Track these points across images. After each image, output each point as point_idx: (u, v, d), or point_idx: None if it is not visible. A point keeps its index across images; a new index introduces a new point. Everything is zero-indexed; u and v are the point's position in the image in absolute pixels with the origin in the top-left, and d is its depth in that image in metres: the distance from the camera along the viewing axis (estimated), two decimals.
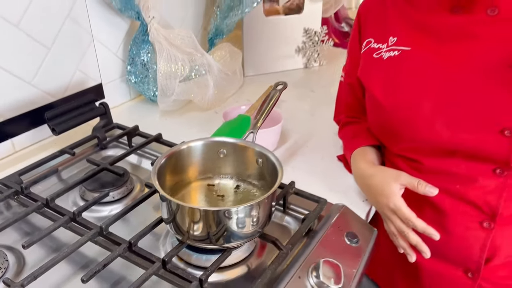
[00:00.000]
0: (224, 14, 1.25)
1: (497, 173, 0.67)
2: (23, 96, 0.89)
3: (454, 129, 0.67)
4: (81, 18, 0.96)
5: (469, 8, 0.67)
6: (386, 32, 0.77)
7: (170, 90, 1.04)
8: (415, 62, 0.72)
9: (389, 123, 0.76)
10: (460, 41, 0.67)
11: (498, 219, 0.68)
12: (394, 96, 0.73)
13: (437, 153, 0.71)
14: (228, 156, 0.73)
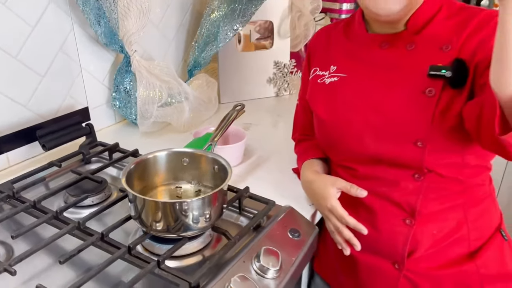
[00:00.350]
0: (201, 48, 1.41)
1: (415, 178, 0.80)
2: (18, 117, 1.03)
3: (379, 141, 0.81)
4: (71, 51, 1.11)
5: (393, 44, 0.81)
6: (329, 62, 0.92)
7: (149, 113, 1.18)
8: (350, 86, 0.86)
9: (330, 138, 0.89)
10: (386, 70, 0.82)
11: (417, 217, 0.80)
12: (333, 115, 0.87)
13: (368, 162, 0.84)
14: (190, 164, 0.86)
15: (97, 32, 1.09)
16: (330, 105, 0.88)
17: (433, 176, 0.78)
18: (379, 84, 0.81)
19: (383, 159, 0.81)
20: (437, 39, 0.78)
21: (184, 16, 1.45)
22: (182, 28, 1.45)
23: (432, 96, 0.75)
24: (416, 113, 0.76)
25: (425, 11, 0.79)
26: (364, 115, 0.82)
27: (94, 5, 1.03)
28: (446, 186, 0.80)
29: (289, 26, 1.50)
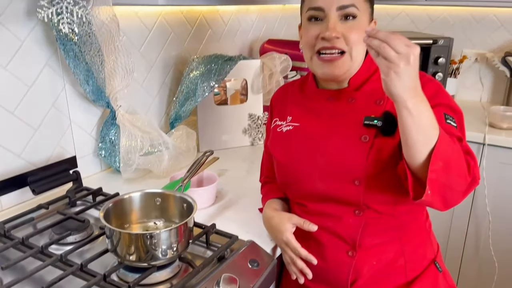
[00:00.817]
0: (181, 103, 1.57)
1: (356, 214, 0.92)
2: (12, 165, 1.15)
3: (324, 181, 0.94)
4: (62, 107, 1.26)
5: (338, 98, 0.96)
6: (286, 113, 1.07)
7: (131, 161, 1.31)
8: (301, 133, 1.00)
9: (285, 178, 1.02)
10: (331, 119, 0.96)
11: (358, 249, 0.92)
12: (287, 158, 1.01)
13: (316, 199, 0.96)
14: (162, 203, 0.98)
15: (86, 90, 1.24)
16: (285, 150, 1.02)
17: (371, 212, 0.91)
18: (325, 131, 0.96)
19: (328, 196, 0.94)
20: (373, 95, 0.93)
21: (167, 75, 1.62)
22: (165, 86, 1.62)
23: (366, 142, 0.89)
24: (354, 156, 0.90)
25: (364, 72, 0.95)
26: (312, 158, 0.95)
27: (84, 67, 1.19)
28: (383, 221, 0.92)
29: (261, 84, 1.67)
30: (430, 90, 0.84)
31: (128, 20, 1.41)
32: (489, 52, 2.27)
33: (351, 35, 0.88)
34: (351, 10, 0.88)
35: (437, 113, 0.78)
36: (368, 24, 0.94)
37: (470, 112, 2.14)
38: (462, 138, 0.84)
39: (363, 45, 0.90)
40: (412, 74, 0.69)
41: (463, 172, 0.77)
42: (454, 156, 0.75)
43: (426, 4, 2.12)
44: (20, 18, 1.11)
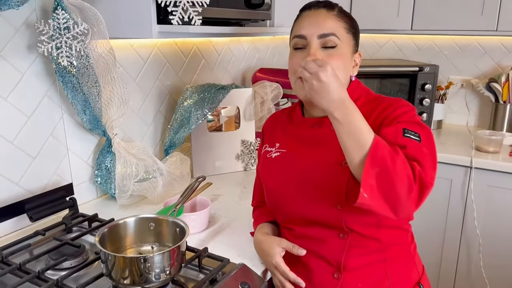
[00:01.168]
0: (176, 130, 1.61)
1: (340, 237, 0.95)
2: (10, 193, 1.19)
3: (309, 205, 0.97)
4: (60, 136, 1.30)
5: (321, 125, 1.01)
6: (275, 140, 1.11)
7: (126, 187, 1.35)
8: (288, 159, 1.04)
9: (274, 203, 1.06)
10: (315, 146, 1.00)
11: (343, 271, 0.95)
12: (275, 183, 1.05)
13: (302, 223, 1.00)
14: (156, 228, 1.01)
15: (83, 119, 1.29)
16: (273, 175, 1.06)
17: (355, 235, 0.94)
18: (309, 157, 1.00)
19: (313, 220, 0.98)
20: None
21: (161, 103, 1.67)
22: (159, 114, 1.67)
23: (347, 167, 0.92)
24: (335, 181, 0.93)
25: None
26: (296, 183, 1.00)
27: (81, 97, 1.24)
28: (367, 244, 0.95)
29: (253, 111, 1.72)
30: (398, 111, 0.93)
31: (124, 51, 1.47)
32: (474, 78, 2.35)
33: (330, 61, 0.91)
34: (331, 39, 0.95)
35: (397, 128, 0.88)
36: (350, 55, 1.00)
37: (457, 136, 2.20)
38: (406, 146, 0.86)
39: (344, 72, 0.96)
40: (329, 89, 0.78)
41: (405, 177, 0.78)
42: (392, 162, 0.78)
43: (412, 33, 2.21)
44: (21, 52, 1.16)
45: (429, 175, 0.82)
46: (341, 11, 1.00)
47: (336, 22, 0.97)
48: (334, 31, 0.95)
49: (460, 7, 2.04)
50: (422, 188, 0.80)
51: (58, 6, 1.11)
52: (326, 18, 0.96)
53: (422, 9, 2.13)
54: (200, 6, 1.12)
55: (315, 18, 0.97)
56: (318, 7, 0.99)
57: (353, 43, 1.00)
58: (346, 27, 0.98)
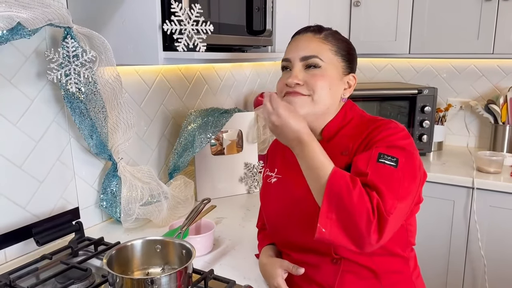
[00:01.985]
0: (180, 154, 1.64)
1: (333, 262, 0.96)
2: (17, 218, 1.20)
3: (301, 232, 0.97)
4: (67, 161, 1.32)
5: None
6: (274, 165, 1.13)
7: (131, 211, 1.36)
8: (283, 185, 1.06)
9: (271, 228, 1.08)
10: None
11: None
12: (269, 209, 1.08)
13: (297, 249, 1.01)
14: (162, 250, 1.02)
15: (90, 144, 1.31)
16: (270, 201, 1.08)
17: (348, 262, 0.95)
18: (300, 184, 0.99)
19: (306, 247, 0.99)
20: (341, 146, 0.98)
21: (166, 128, 1.70)
22: (164, 138, 1.70)
23: None
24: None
25: (338, 123, 1.01)
26: (288, 210, 1.01)
27: (88, 123, 1.27)
28: (361, 270, 0.96)
29: (255, 134, 1.75)
30: (383, 134, 0.92)
31: (129, 77, 1.51)
32: (472, 100, 2.38)
33: (311, 81, 0.96)
34: (313, 61, 0.97)
35: (372, 154, 0.88)
36: (339, 76, 0.99)
37: (458, 157, 2.22)
38: (368, 173, 0.85)
39: (329, 93, 0.97)
40: (282, 130, 0.86)
41: (364, 210, 0.78)
42: (348, 196, 0.79)
43: (410, 56, 2.26)
44: (31, 79, 1.20)
45: (389, 204, 0.81)
46: (330, 34, 1.01)
47: (320, 44, 0.98)
48: (316, 53, 0.97)
49: (456, 32, 2.10)
50: (381, 220, 0.79)
51: (67, 35, 1.15)
52: (311, 42, 0.99)
53: (419, 34, 2.19)
54: (204, 34, 1.16)
55: (300, 42, 1.00)
56: (306, 31, 1.02)
57: (342, 65, 1.00)
58: (333, 49, 0.99)
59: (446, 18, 2.11)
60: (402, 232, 0.98)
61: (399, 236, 0.95)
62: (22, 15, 0.98)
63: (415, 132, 2.19)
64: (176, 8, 1.10)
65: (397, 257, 0.99)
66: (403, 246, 0.99)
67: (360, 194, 0.80)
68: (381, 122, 0.96)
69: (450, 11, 2.10)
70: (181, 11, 1.11)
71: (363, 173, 0.86)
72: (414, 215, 1.02)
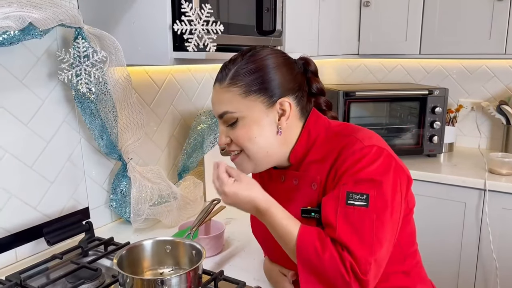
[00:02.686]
0: (189, 154, 1.64)
1: None
2: (28, 217, 1.21)
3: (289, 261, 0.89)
4: (77, 161, 1.33)
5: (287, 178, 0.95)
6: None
7: (141, 211, 1.36)
8: None
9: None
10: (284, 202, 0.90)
11: None
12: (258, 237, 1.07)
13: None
14: (172, 250, 1.02)
15: (100, 144, 1.31)
16: (256, 229, 1.06)
17: None
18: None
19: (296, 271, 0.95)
20: (308, 177, 0.91)
21: (175, 128, 1.70)
22: (173, 138, 1.70)
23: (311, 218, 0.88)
24: None
25: (302, 146, 0.92)
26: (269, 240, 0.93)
27: (99, 123, 1.27)
28: None
29: None
30: (347, 163, 0.84)
31: (139, 78, 1.51)
32: (484, 101, 2.35)
33: (235, 139, 0.89)
34: (226, 117, 0.89)
35: (339, 195, 0.82)
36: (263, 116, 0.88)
37: (470, 159, 2.19)
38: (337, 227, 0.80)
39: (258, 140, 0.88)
40: (236, 205, 0.86)
41: (338, 275, 0.76)
42: (320, 262, 0.77)
43: (420, 57, 2.24)
44: (42, 79, 1.20)
45: (363, 263, 0.76)
46: (234, 74, 0.88)
47: (227, 94, 0.88)
48: (226, 109, 0.88)
49: (468, 32, 2.07)
50: (359, 281, 0.76)
51: (78, 35, 1.15)
52: (219, 94, 0.90)
53: (430, 34, 2.17)
54: (214, 34, 1.16)
55: (213, 97, 0.92)
56: (215, 82, 0.92)
57: (260, 100, 0.88)
58: (243, 92, 0.87)
59: (457, 18, 2.09)
60: (395, 250, 0.90)
61: (393, 256, 0.88)
62: (33, 15, 0.99)
63: (425, 133, 2.17)
64: (187, 8, 1.10)
65: (396, 273, 0.94)
66: (400, 261, 0.94)
67: (331, 258, 0.77)
68: (345, 142, 0.87)
69: (462, 11, 2.08)
70: (191, 11, 1.11)
71: (332, 226, 0.81)
72: (410, 221, 0.97)
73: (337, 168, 0.85)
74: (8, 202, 1.16)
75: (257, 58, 0.89)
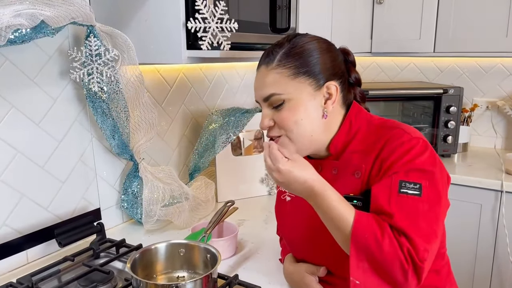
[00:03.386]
0: (201, 154, 1.61)
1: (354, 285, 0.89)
2: (39, 218, 1.19)
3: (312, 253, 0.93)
4: (89, 161, 1.31)
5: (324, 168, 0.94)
6: None
7: (153, 212, 1.34)
8: (295, 205, 1.01)
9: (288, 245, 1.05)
10: None
11: None
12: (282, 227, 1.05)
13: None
14: (186, 254, 0.99)
15: (111, 144, 1.29)
16: (284, 219, 1.04)
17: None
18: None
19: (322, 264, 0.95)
20: (351, 165, 0.90)
21: (186, 128, 1.68)
22: (184, 138, 1.67)
23: None
24: None
25: (343, 136, 0.92)
26: (304, 230, 0.95)
27: (110, 122, 1.25)
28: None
29: None
30: (397, 153, 0.83)
31: (150, 77, 1.49)
32: (499, 100, 2.31)
33: (279, 121, 0.89)
34: (273, 100, 0.89)
35: (392, 183, 0.80)
36: (310, 98, 0.89)
37: (486, 159, 2.15)
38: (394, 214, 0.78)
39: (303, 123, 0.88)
40: (289, 185, 0.80)
41: (397, 262, 0.74)
42: (379, 249, 0.74)
43: (434, 55, 2.20)
44: (53, 78, 1.18)
45: (421, 251, 0.75)
46: (283, 56, 0.89)
47: (275, 75, 0.88)
48: (273, 90, 0.88)
49: (484, 29, 2.03)
50: (417, 268, 0.74)
51: (90, 33, 1.13)
52: (265, 77, 0.90)
53: (445, 32, 2.12)
54: (229, 32, 1.13)
55: (257, 81, 0.92)
56: (260, 65, 0.93)
57: (309, 82, 0.88)
58: (292, 73, 0.88)
59: (473, 15, 2.04)
60: None
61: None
62: (45, 13, 0.97)
63: (439, 133, 2.12)
64: (201, 6, 1.07)
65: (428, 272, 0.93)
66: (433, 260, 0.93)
67: (391, 244, 0.74)
68: (391, 134, 0.87)
69: (477, 8, 2.03)
70: (205, 8, 1.08)
71: (387, 213, 0.79)
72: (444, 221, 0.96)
73: (383, 159, 0.84)
74: (20, 202, 1.14)
75: (305, 41, 0.90)
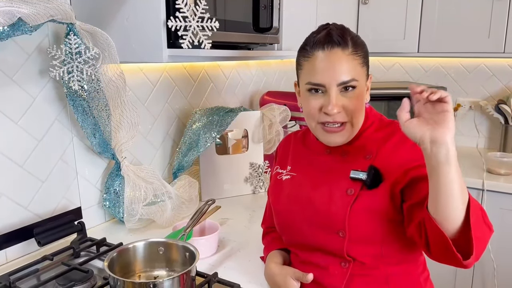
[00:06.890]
0: (184, 153, 1.61)
1: (342, 265, 0.93)
2: (18, 217, 1.18)
3: (312, 230, 0.96)
4: (69, 160, 1.30)
5: (333, 151, 0.99)
6: (287, 162, 1.10)
7: (134, 211, 1.33)
8: (297, 183, 1.03)
9: (279, 225, 1.05)
10: (324, 172, 0.98)
11: None
12: (281, 206, 1.04)
13: (306, 248, 0.99)
14: (165, 252, 0.99)
15: (93, 143, 1.29)
16: (280, 198, 1.05)
17: (358, 264, 0.92)
18: (316, 183, 0.98)
19: (316, 246, 0.96)
20: (363, 149, 0.96)
21: (170, 127, 1.68)
22: (168, 137, 1.67)
23: (351, 195, 0.91)
24: (338, 208, 0.92)
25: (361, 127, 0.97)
26: (301, 208, 0.98)
27: (91, 121, 1.25)
28: (370, 274, 0.92)
29: (261, 133, 1.72)
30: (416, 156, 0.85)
31: (133, 75, 1.48)
32: (482, 100, 2.34)
33: (350, 106, 0.91)
34: (351, 84, 0.90)
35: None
36: (365, 86, 0.95)
37: (468, 159, 2.18)
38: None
39: (363, 110, 0.95)
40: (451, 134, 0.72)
41: (486, 225, 0.77)
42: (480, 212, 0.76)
43: (418, 55, 2.22)
44: (33, 77, 1.18)
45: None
46: (354, 43, 0.92)
47: (352, 62, 0.90)
48: (353, 76, 0.90)
49: (467, 30, 2.05)
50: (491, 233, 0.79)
51: (70, 31, 1.12)
52: (343, 61, 0.89)
53: (428, 32, 2.15)
54: (210, 31, 1.13)
55: (331, 63, 0.89)
56: (332, 46, 0.89)
57: (366, 73, 0.95)
58: (362, 62, 0.92)
59: (456, 17, 2.07)
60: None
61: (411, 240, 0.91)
62: (23, 11, 0.96)
63: None
64: (181, 4, 1.07)
65: (409, 261, 0.96)
66: (414, 249, 0.96)
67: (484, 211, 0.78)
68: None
69: (461, 9, 2.06)
70: (186, 7, 1.08)
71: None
72: None
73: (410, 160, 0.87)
74: None
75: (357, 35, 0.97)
